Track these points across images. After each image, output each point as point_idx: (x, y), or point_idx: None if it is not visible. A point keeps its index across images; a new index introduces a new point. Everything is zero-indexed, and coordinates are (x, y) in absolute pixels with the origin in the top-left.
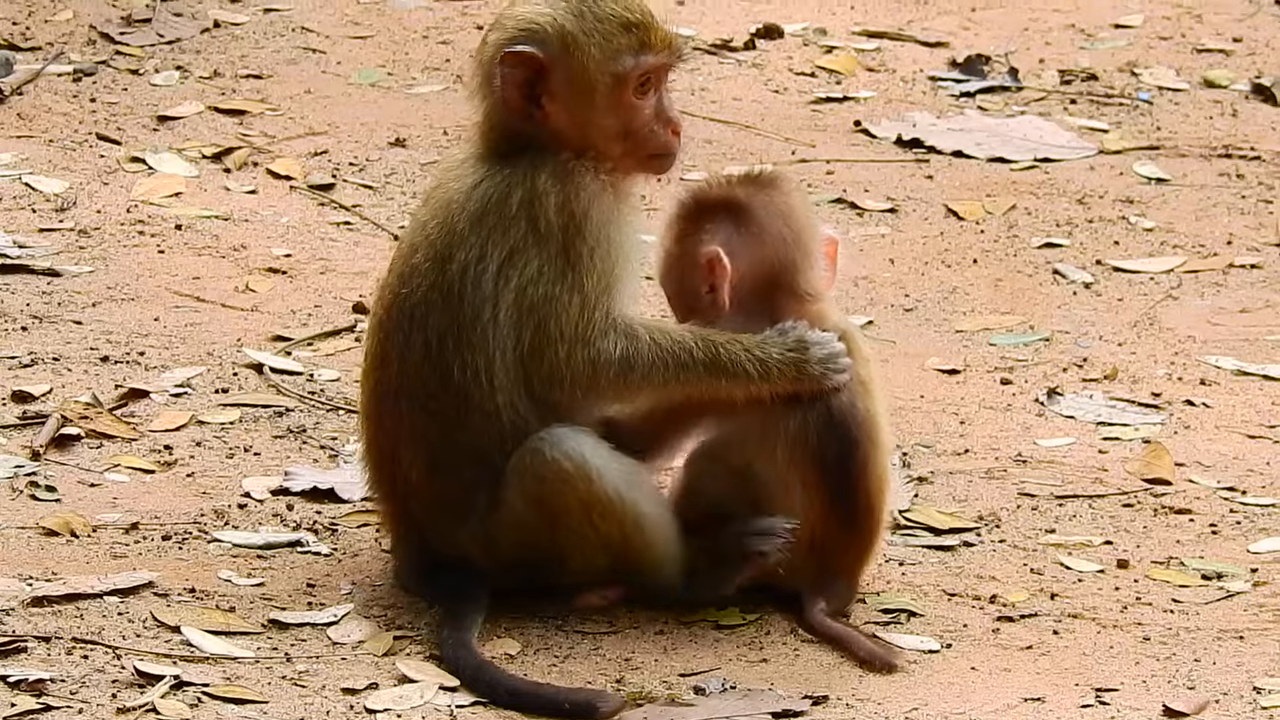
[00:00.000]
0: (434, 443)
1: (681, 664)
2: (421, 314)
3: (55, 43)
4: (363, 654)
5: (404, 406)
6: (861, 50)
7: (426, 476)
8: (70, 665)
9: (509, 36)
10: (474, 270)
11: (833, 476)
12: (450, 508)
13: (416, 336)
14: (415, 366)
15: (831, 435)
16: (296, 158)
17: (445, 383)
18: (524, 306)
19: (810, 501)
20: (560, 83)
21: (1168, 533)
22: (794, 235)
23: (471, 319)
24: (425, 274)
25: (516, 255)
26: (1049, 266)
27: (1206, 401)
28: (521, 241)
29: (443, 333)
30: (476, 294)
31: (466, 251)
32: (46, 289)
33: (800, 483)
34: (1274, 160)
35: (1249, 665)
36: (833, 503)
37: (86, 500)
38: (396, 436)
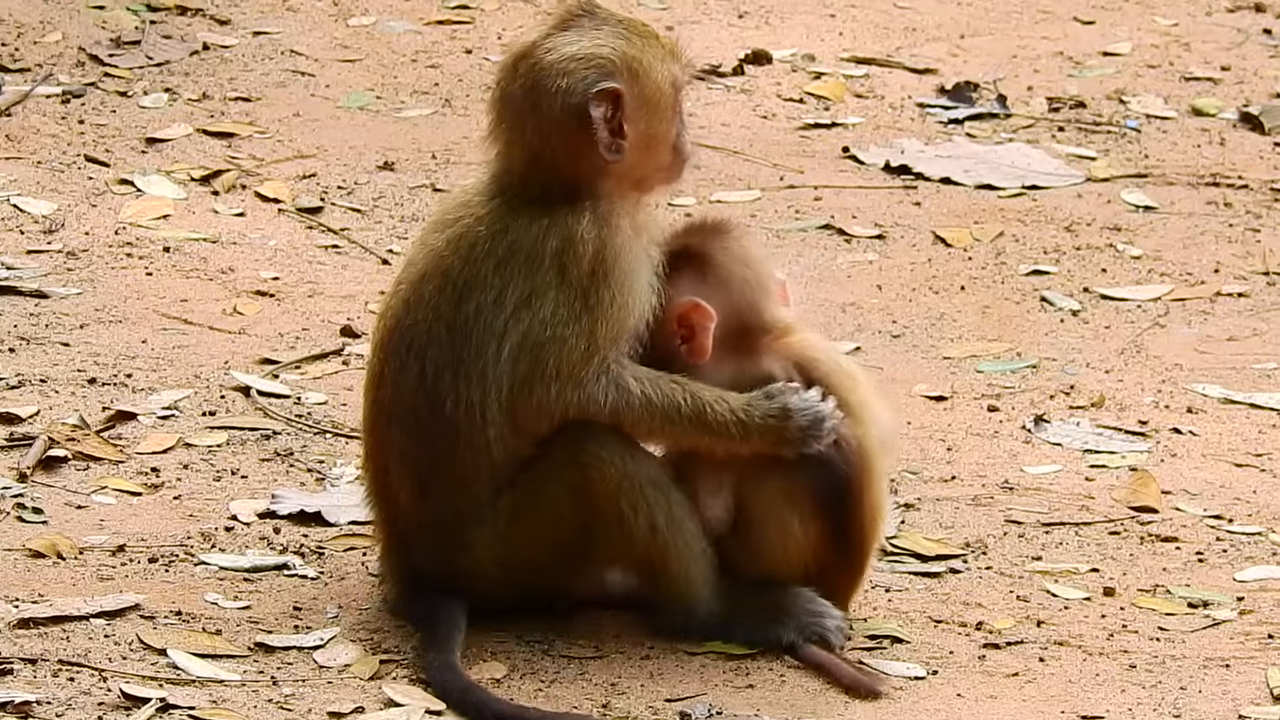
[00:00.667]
0: (421, 469)
1: (668, 689)
2: (422, 343)
3: (44, 64)
4: (349, 677)
5: (395, 430)
6: (850, 76)
7: (414, 500)
8: (56, 687)
9: (586, 77)
10: (489, 311)
11: (828, 508)
12: (438, 530)
13: (413, 364)
14: (408, 393)
15: (826, 468)
16: (285, 180)
17: (436, 413)
18: (528, 343)
19: (806, 532)
20: (635, 108)
21: (1154, 560)
22: (755, 277)
23: (474, 355)
24: (434, 306)
25: (535, 297)
26: (1036, 294)
27: (1193, 429)
28: (544, 283)
29: (440, 365)
30: (486, 332)
31: (486, 293)
32: (34, 310)
33: (796, 516)
34: (1262, 189)
35: (1235, 693)
36: (828, 533)
37: (73, 522)
38: (388, 456)
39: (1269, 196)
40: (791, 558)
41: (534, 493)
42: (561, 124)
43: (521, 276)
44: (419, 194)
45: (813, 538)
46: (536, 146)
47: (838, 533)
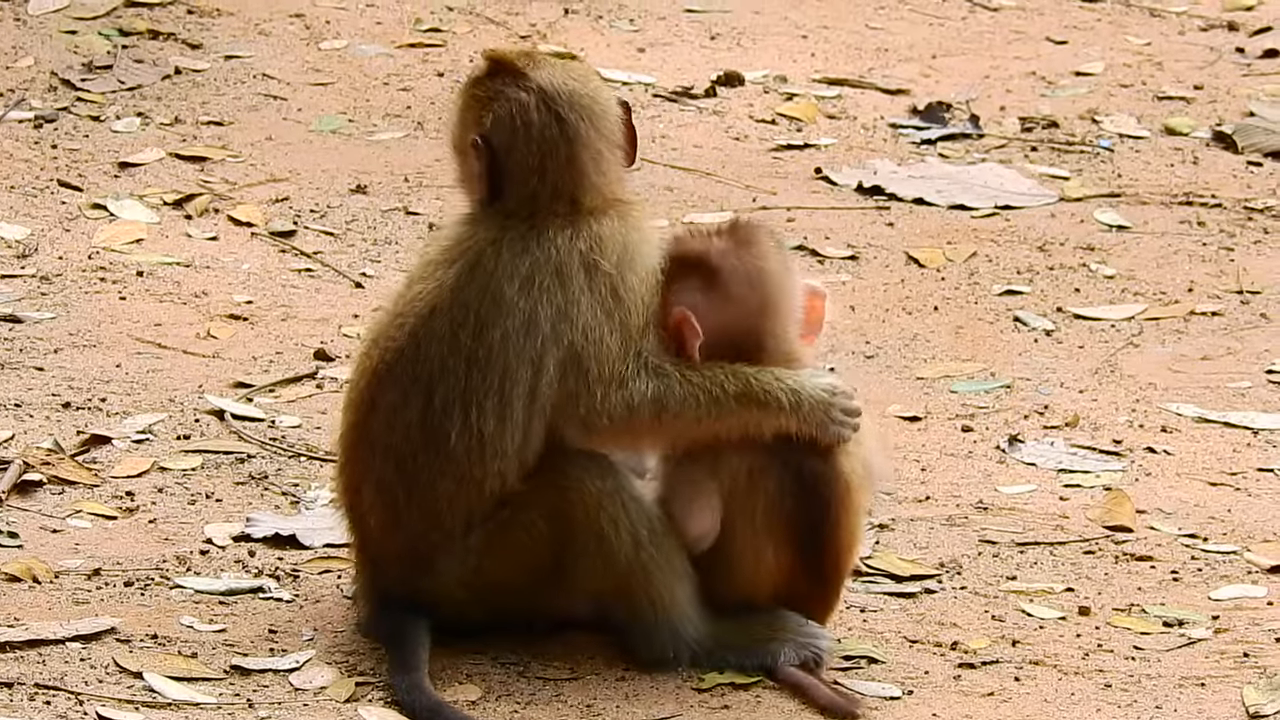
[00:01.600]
0: (397, 499)
1: (644, 710)
2: (428, 378)
3: (16, 89)
4: (325, 700)
5: (378, 457)
6: (822, 97)
7: (385, 526)
8: (33, 711)
9: (610, 97)
10: (519, 337)
11: (804, 538)
12: (407, 556)
13: (417, 399)
14: (404, 426)
15: (805, 499)
16: (258, 204)
17: (433, 447)
18: (572, 356)
19: (778, 559)
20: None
21: (1129, 579)
22: (760, 300)
23: (497, 385)
24: (449, 340)
25: (570, 306)
26: (1010, 314)
27: (1168, 449)
28: (576, 291)
29: (449, 399)
30: (517, 359)
31: (511, 319)
32: (8, 335)
33: (772, 544)
34: (1235, 208)
35: (1210, 712)
36: (801, 561)
37: (48, 546)
38: (362, 478)
39: (1242, 215)
40: (763, 582)
41: (509, 522)
42: (593, 138)
43: (551, 291)
44: (392, 217)
45: (784, 564)
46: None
47: (811, 560)
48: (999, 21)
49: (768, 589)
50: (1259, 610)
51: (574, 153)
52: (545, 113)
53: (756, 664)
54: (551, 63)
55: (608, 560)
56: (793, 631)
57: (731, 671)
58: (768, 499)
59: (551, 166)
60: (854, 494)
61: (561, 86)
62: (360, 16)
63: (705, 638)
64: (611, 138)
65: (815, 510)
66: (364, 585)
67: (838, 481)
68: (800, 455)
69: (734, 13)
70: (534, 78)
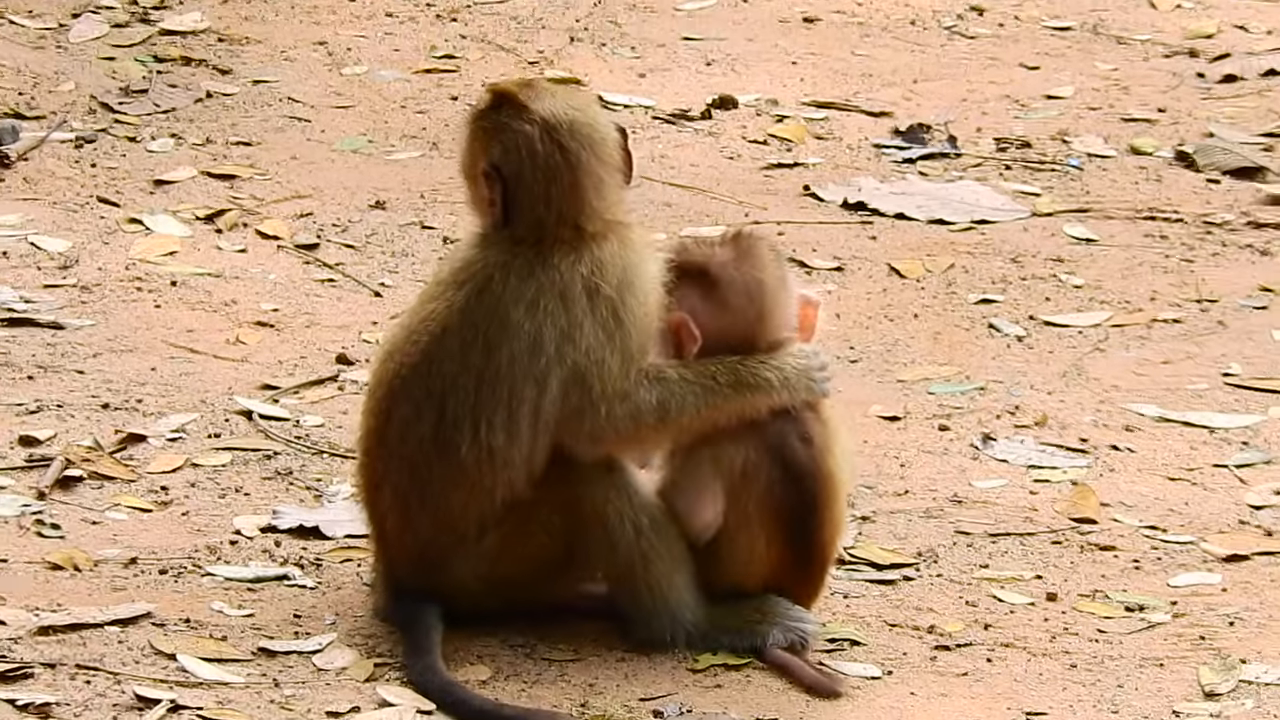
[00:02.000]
0: (410, 505)
1: (641, 689)
2: (440, 394)
3: (58, 112)
4: (345, 679)
5: (394, 466)
6: (810, 119)
7: (400, 527)
8: (74, 690)
9: (608, 124)
10: (525, 357)
11: (791, 529)
12: (421, 554)
13: (429, 414)
14: (417, 438)
15: (793, 492)
16: (283, 219)
17: (445, 458)
18: (575, 376)
19: (769, 548)
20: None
21: (1094, 568)
22: (757, 310)
23: (505, 402)
24: (461, 359)
25: (573, 328)
26: (984, 321)
27: (1130, 446)
28: (579, 313)
29: (460, 414)
30: (523, 379)
31: (518, 341)
32: (51, 341)
33: (764, 534)
34: (1195, 222)
35: (1169, 691)
36: (790, 550)
37: (89, 537)
38: (380, 481)
39: (1202, 230)
40: (755, 570)
41: (525, 520)
42: (594, 164)
43: (555, 314)
44: (409, 231)
45: (775, 553)
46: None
47: (799, 549)
48: (975, 49)
49: (759, 577)
50: (1214, 596)
51: (576, 179)
52: (549, 143)
53: (747, 645)
54: (552, 92)
55: (611, 549)
56: (780, 615)
57: (724, 653)
58: (759, 493)
59: (556, 193)
60: (837, 488)
61: (563, 117)
62: (379, 44)
63: (700, 621)
64: (611, 162)
65: (803, 503)
66: (381, 575)
67: (822, 476)
68: (789, 452)
69: (728, 40)
70: (536, 109)
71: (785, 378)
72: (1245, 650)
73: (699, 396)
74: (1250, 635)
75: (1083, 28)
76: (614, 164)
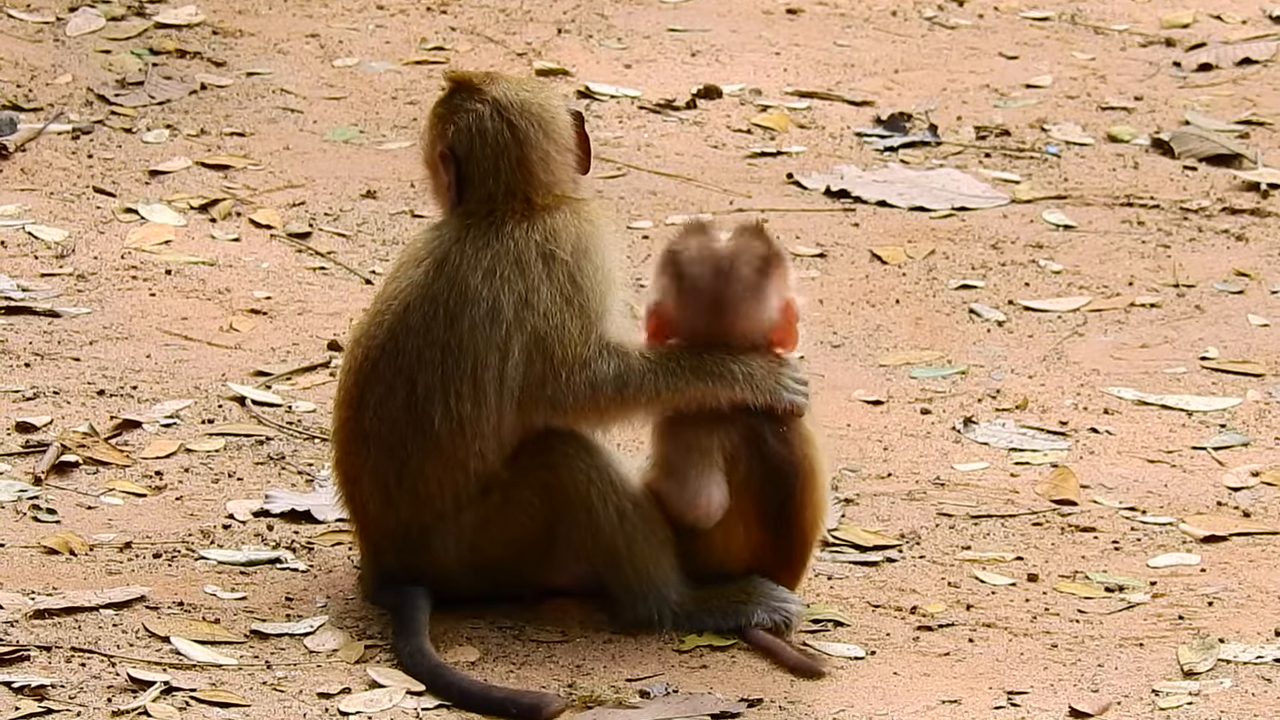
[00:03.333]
0: (389, 484)
1: (628, 670)
2: (410, 369)
3: (56, 104)
4: (336, 661)
5: (371, 447)
6: (793, 109)
7: (381, 509)
8: (69, 672)
9: (560, 107)
10: (486, 325)
11: (771, 517)
12: (403, 536)
13: (401, 389)
14: (391, 415)
15: (771, 483)
16: (276, 208)
17: (420, 432)
18: (536, 341)
19: (749, 535)
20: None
21: (1074, 549)
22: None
23: (470, 371)
24: (424, 332)
25: (530, 293)
26: (965, 306)
27: (1109, 429)
28: (536, 279)
29: (431, 387)
30: (485, 345)
31: (477, 308)
32: (47, 329)
33: (742, 521)
34: (1172, 208)
35: (1148, 670)
36: (770, 535)
37: (84, 521)
38: (359, 469)
39: (1178, 216)
40: (735, 555)
41: (502, 499)
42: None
43: (512, 280)
44: (399, 220)
45: (754, 540)
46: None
47: (779, 535)
48: (956, 39)
49: (741, 561)
50: (1193, 577)
51: (524, 154)
52: (498, 120)
53: (731, 626)
54: (508, 80)
55: (595, 532)
56: (765, 596)
57: (709, 634)
58: (738, 482)
59: (504, 167)
60: (816, 478)
61: (514, 98)
62: (371, 36)
63: (685, 602)
64: (561, 141)
65: (781, 492)
66: (367, 561)
67: (801, 466)
68: (766, 444)
69: (713, 31)
70: (489, 92)
71: (750, 374)
72: (1224, 630)
73: (658, 377)
74: (1228, 615)
75: (1061, 18)
76: (565, 143)
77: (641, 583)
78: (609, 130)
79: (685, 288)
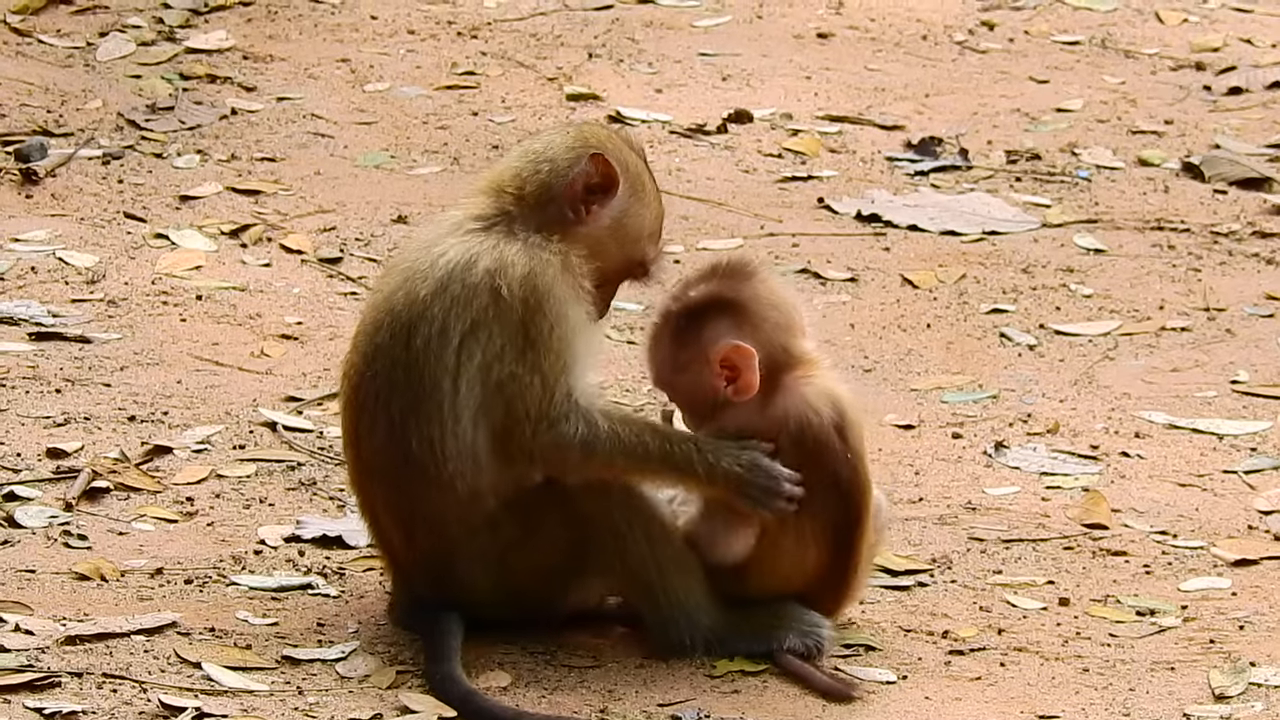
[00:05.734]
0: (404, 516)
1: (660, 695)
2: (385, 394)
3: (86, 129)
4: (368, 687)
5: (375, 481)
6: (824, 133)
7: (405, 544)
8: (100, 699)
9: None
10: (435, 344)
11: (838, 541)
12: (432, 566)
13: (381, 417)
14: (381, 446)
15: (842, 505)
16: (307, 234)
17: (406, 459)
18: (490, 385)
19: (817, 559)
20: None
21: (1105, 573)
22: (784, 317)
23: (430, 391)
24: (389, 352)
25: (479, 329)
26: (996, 330)
27: (1140, 453)
28: (483, 314)
29: (405, 411)
30: (438, 367)
31: (429, 325)
32: (78, 354)
33: (814, 547)
34: (1202, 232)
35: (1179, 694)
36: (832, 561)
37: (115, 547)
38: (375, 505)
39: (1209, 239)
40: (795, 582)
41: (524, 528)
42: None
43: (460, 306)
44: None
45: (817, 565)
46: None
47: (840, 561)
48: (986, 63)
49: (798, 588)
50: (1224, 600)
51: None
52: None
53: (762, 650)
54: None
55: (624, 559)
56: (796, 620)
57: (741, 659)
58: (813, 506)
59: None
60: (870, 497)
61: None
62: (401, 61)
63: (717, 626)
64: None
65: (849, 515)
66: (399, 589)
67: (864, 488)
68: (839, 467)
69: (743, 56)
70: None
71: (713, 475)
72: (1255, 653)
73: (626, 457)
74: (1260, 639)
75: (1091, 42)
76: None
77: (673, 608)
78: None
79: (754, 331)
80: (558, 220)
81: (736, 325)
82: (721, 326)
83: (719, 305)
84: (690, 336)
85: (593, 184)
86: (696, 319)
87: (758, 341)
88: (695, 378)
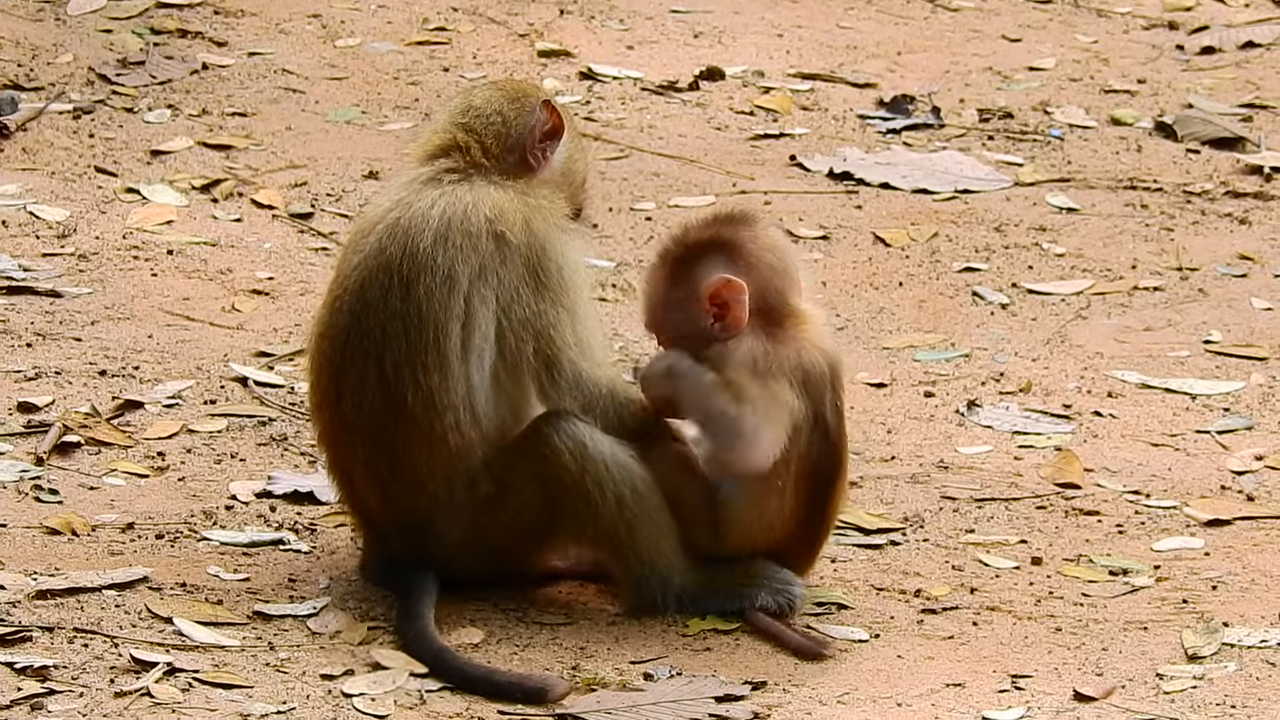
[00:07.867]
0: (382, 474)
1: (632, 653)
2: (377, 350)
3: (57, 83)
4: (340, 643)
5: (357, 441)
6: (796, 91)
7: (380, 502)
8: (71, 653)
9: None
10: (440, 292)
11: (818, 489)
12: (406, 525)
13: (372, 371)
14: (370, 402)
15: (827, 454)
16: (278, 189)
17: (397, 413)
18: (514, 323)
19: (795, 510)
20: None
21: (1077, 532)
22: (781, 264)
23: (432, 341)
24: (383, 305)
25: (487, 273)
26: (968, 289)
27: (1113, 412)
28: (491, 259)
29: (399, 363)
30: (444, 314)
31: (432, 275)
32: (49, 309)
33: (795, 495)
34: (1175, 192)
35: (1152, 653)
36: (807, 514)
37: (86, 502)
38: (351, 465)
39: (1181, 199)
40: (774, 533)
41: (499, 485)
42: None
43: (465, 253)
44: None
45: (797, 515)
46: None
47: (816, 513)
48: (959, 21)
49: (774, 540)
50: (1196, 560)
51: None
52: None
53: (734, 609)
54: None
55: (595, 519)
56: (768, 579)
57: (713, 617)
58: (800, 450)
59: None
60: (847, 449)
61: None
62: (372, 16)
63: (689, 585)
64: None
65: (831, 467)
66: (371, 547)
67: (844, 440)
68: (825, 413)
69: (715, 13)
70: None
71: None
72: (1228, 613)
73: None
74: (1232, 599)
75: (1063, 1)
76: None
77: (644, 567)
78: (611, 112)
79: (750, 272)
80: (521, 168)
81: (730, 262)
82: (716, 263)
83: (715, 245)
84: (684, 274)
85: (546, 130)
86: (692, 257)
87: (751, 280)
88: (686, 314)
